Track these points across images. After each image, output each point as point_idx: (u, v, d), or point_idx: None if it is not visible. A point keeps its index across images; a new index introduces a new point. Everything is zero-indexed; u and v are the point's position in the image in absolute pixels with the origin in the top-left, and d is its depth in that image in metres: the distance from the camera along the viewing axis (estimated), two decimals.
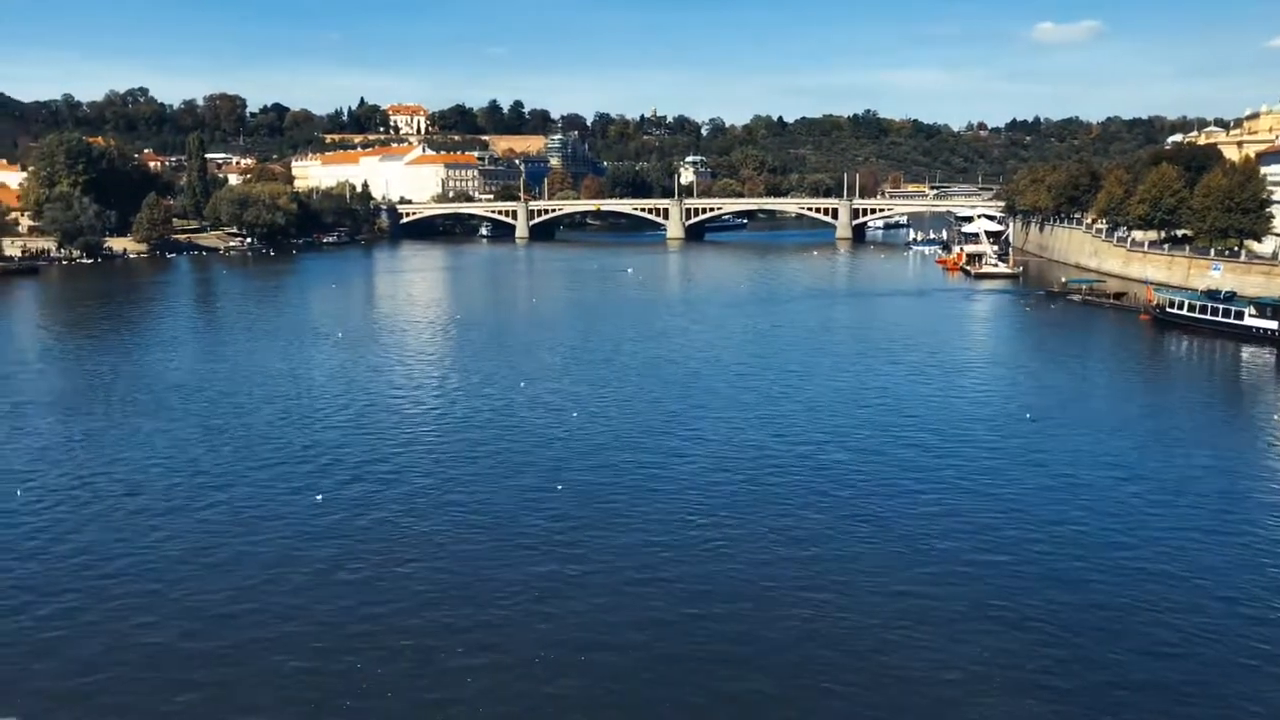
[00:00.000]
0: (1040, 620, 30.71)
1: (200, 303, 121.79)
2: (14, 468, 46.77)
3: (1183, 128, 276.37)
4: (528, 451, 49.58)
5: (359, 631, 30.21)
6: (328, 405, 59.92)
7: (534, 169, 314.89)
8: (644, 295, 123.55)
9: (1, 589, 33.06)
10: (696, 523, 39.10)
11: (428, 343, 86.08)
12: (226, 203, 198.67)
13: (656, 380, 67.06)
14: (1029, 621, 30.65)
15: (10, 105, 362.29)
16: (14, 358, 78.26)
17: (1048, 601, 31.97)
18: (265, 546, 36.95)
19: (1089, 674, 27.58)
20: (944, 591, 32.74)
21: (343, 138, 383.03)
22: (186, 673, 27.81)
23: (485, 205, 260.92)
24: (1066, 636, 29.71)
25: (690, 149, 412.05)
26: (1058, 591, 32.76)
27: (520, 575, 34.18)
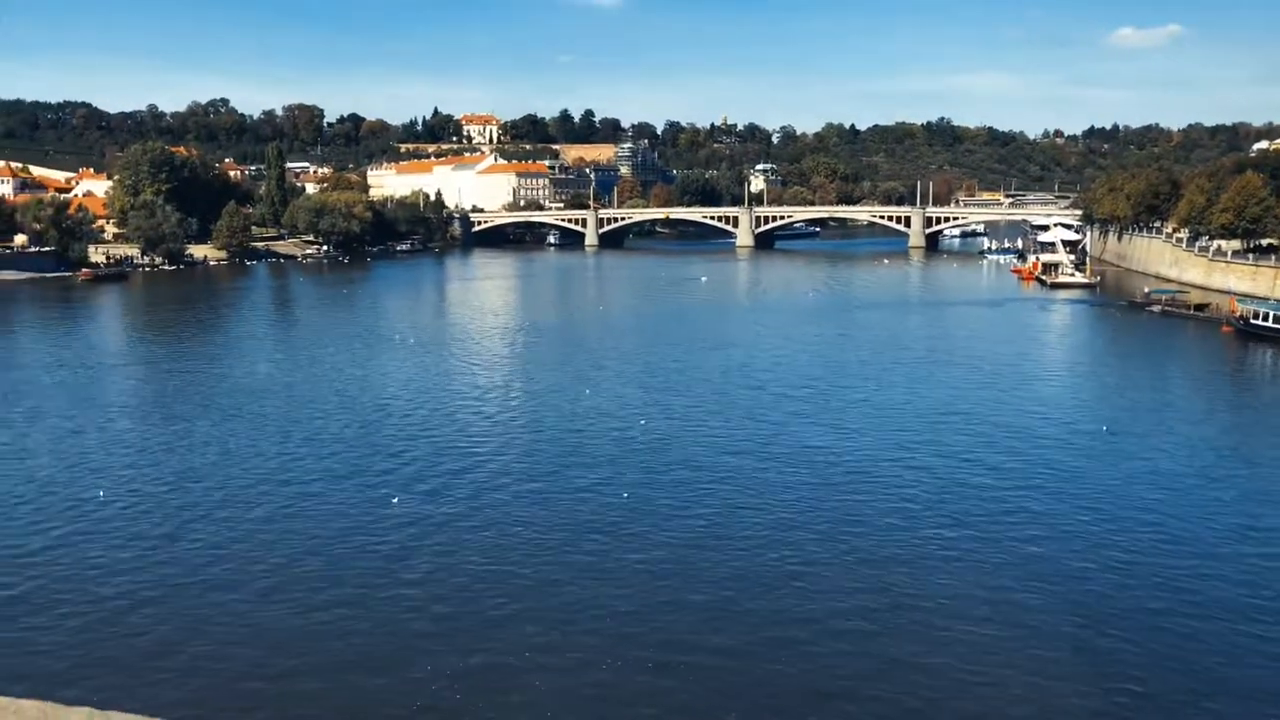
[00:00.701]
0: (1119, 641, 30.06)
1: (278, 309, 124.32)
2: (98, 466, 48.07)
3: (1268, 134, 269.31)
4: (595, 459, 49.73)
5: (428, 632, 30.54)
6: (400, 409, 60.71)
7: (604, 177, 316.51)
8: (713, 303, 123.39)
9: (86, 583, 33.90)
10: (763, 534, 38.86)
11: (498, 349, 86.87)
12: (304, 211, 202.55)
13: (726, 389, 66.91)
14: (1108, 642, 30.02)
15: (98, 116, 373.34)
16: (101, 360, 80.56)
17: (1123, 619, 31.30)
18: (342, 546, 37.50)
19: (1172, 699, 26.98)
20: (1025, 607, 32.18)
21: (417, 147, 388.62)
22: (262, 668, 28.34)
23: (555, 214, 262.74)
24: (1142, 658, 29.05)
25: (761, 157, 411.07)
26: (1132, 614, 32.04)
27: (585, 583, 34.26)
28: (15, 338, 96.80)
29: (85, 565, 35.80)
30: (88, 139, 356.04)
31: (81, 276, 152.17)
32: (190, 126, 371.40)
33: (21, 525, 39.94)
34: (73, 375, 73.08)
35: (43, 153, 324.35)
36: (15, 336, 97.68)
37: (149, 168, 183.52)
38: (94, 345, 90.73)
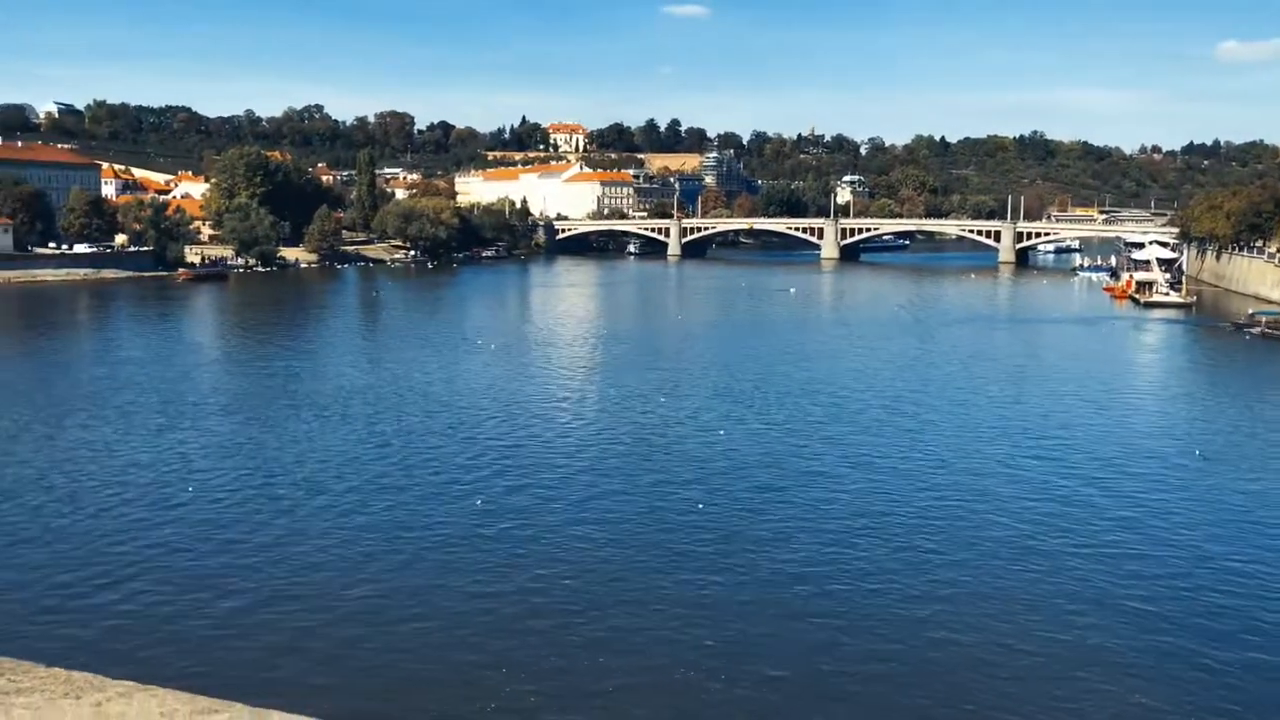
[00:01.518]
0: (1212, 669, 29.06)
1: (366, 312, 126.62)
2: (187, 465, 49.26)
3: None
4: (672, 467, 49.64)
5: (508, 630, 30.69)
6: (480, 413, 61.31)
7: (688, 187, 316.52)
8: (795, 315, 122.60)
9: (175, 582, 34.69)
10: (840, 550, 38.38)
11: (578, 356, 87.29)
12: (393, 216, 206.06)
13: (807, 403, 66.29)
14: (1201, 670, 29.04)
15: (198, 120, 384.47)
16: (197, 358, 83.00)
17: (1216, 649, 30.24)
18: (430, 546, 37.94)
19: None
20: (1111, 634, 31.29)
21: (504, 155, 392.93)
22: (349, 667, 28.75)
23: (639, 223, 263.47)
24: (1238, 691, 28.05)
25: (848, 168, 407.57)
26: (1226, 642, 30.94)
27: (660, 590, 34.18)
28: (120, 333, 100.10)
29: (175, 558, 36.72)
30: (187, 143, 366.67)
31: (181, 276, 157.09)
32: (285, 131, 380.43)
33: (115, 520, 41.06)
34: (169, 371, 75.17)
35: (145, 155, 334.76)
36: (120, 332, 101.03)
37: (245, 171, 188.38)
38: (191, 343, 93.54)
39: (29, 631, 30.40)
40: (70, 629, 30.75)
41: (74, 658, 28.46)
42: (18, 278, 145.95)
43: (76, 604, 32.59)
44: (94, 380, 71.66)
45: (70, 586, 33.81)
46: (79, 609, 32.22)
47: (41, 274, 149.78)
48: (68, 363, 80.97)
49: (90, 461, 49.42)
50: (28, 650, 28.83)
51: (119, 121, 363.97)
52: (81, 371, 76.33)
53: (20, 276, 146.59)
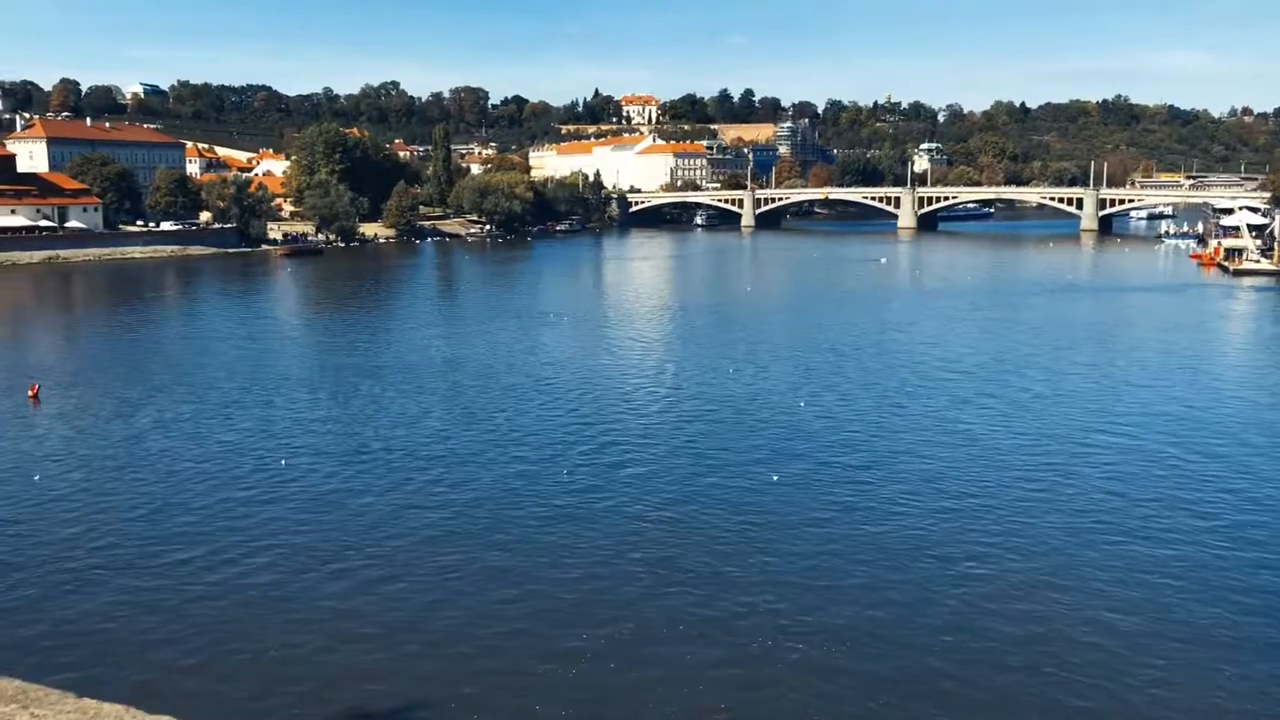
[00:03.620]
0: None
1: (445, 286, 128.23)
2: (280, 436, 50.45)
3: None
4: (747, 437, 49.64)
5: (588, 600, 31.11)
6: (557, 386, 61.76)
7: (762, 157, 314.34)
8: (872, 285, 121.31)
9: (269, 551, 35.60)
10: (917, 524, 38.09)
11: (652, 328, 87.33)
12: (468, 191, 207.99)
13: (886, 374, 65.65)
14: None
15: (278, 99, 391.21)
16: (291, 331, 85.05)
17: None
18: (520, 518, 38.47)
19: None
20: (1213, 613, 30.77)
21: (577, 128, 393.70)
22: (443, 632, 29.44)
23: (712, 194, 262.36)
24: None
25: (925, 136, 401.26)
26: None
27: (737, 560, 34.30)
28: (222, 307, 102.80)
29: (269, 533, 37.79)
30: (268, 121, 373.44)
31: (279, 252, 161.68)
32: (363, 108, 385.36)
33: (207, 490, 42.30)
34: (266, 344, 77.08)
35: (227, 134, 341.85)
36: (221, 306, 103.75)
37: (324, 148, 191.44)
38: (288, 316, 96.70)
39: (144, 599, 31.63)
40: (177, 601, 31.85)
41: (178, 636, 29.56)
42: (108, 255, 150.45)
43: (193, 579, 33.70)
44: (202, 353, 73.69)
45: (186, 564, 34.99)
46: (194, 583, 33.28)
47: (130, 251, 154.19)
48: (175, 336, 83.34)
49: (202, 435, 50.93)
50: (154, 610, 30.01)
51: (202, 101, 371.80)
52: (191, 345, 78.51)
53: (110, 254, 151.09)
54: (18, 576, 32.97)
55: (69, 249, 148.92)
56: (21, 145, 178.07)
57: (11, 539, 36.25)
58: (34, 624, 29.73)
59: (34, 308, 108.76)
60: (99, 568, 33.72)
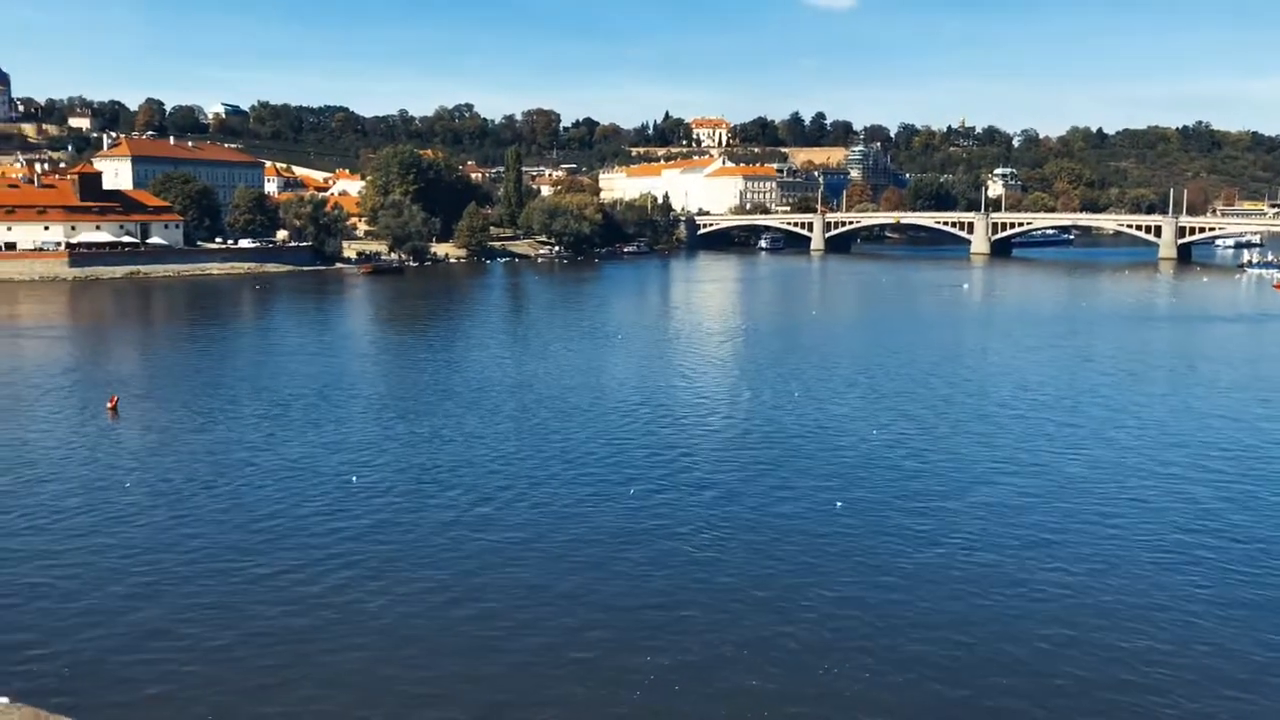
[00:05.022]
0: None
1: (513, 305, 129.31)
2: (352, 452, 51.01)
3: None
4: (812, 463, 49.14)
5: (652, 622, 30.95)
6: (623, 406, 61.73)
7: (833, 181, 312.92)
8: (943, 312, 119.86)
9: (341, 568, 35.91)
10: (988, 555, 37.30)
11: (718, 351, 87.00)
12: (538, 212, 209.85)
13: (956, 401, 64.57)
14: None
15: (355, 120, 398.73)
16: (367, 348, 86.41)
17: None
18: (586, 534, 38.56)
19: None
20: None
21: (647, 150, 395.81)
22: (509, 652, 29.53)
23: (782, 217, 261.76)
24: None
25: (1000, 161, 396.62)
26: None
27: (800, 587, 33.95)
28: (298, 323, 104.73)
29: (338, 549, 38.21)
30: (345, 141, 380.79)
31: (362, 270, 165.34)
32: (437, 130, 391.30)
33: (281, 505, 42.92)
34: (340, 360, 78.28)
35: (305, 154, 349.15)
36: (298, 322, 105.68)
37: (398, 169, 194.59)
38: (364, 334, 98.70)
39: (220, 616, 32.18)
40: (247, 621, 32.34)
41: (264, 647, 29.90)
42: (187, 271, 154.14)
43: (265, 594, 34.16)
44: (277, 368, 75.07)
45: (259, 578, 35.46)
46: (265, 598, 33.73)
47: (208, 267, 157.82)
48: (251, 352, 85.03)
49: (275, 450, 51.80)
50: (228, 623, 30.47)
51: (281, 121, 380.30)
52: (266, 360, 80.00)
53: (189, 270, 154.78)
54: (98, 583, 33.67)
55: (150, 265, 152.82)
56: (108, 163, 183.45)
57: (94, 548, 36.99)
58: (114, 632, 30.37)
59: (115, 321, 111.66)
60: (163, 580, 34.25)
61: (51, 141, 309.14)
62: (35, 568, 34.91)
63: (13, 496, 42.61)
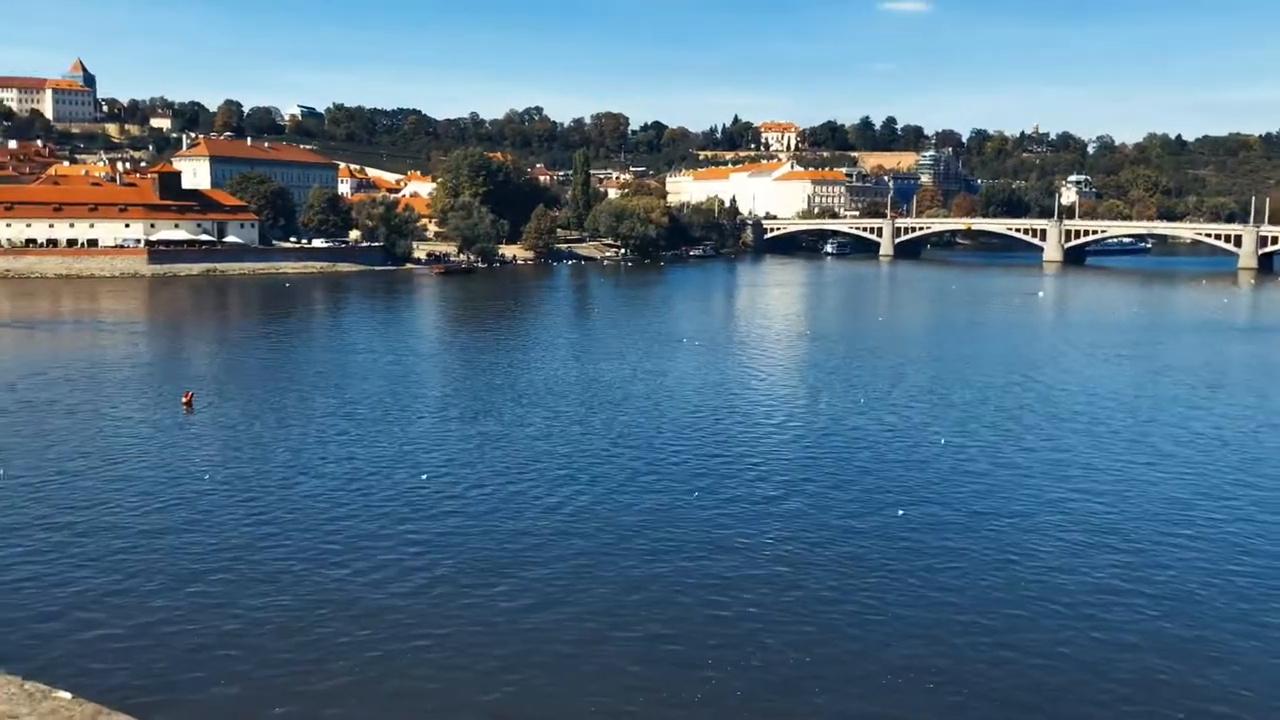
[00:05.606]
0: None
1: (580, 307, 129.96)
2: (423, 451, 51.64)
3: None
4: (874, 473, 48.74)
5: (712, 629, 30.91)
6: (687, 410, 61.77)
7: (903, 186, 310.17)
8: (1014, 319, 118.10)
9: (408, 570, 36.38)
10: (1062, 574, 36.59)
11: (784, 356, 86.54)
12: (605, 215, 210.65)
13: (1026, 412, 63.41)
14: None
15: (427, 123, 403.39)
16: (424, 348, 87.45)
17: None
18: (646, 539, 38.69)
19: None
20: None
21: (715, 154, 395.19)
22: (563, 657, 29.72)
23: (850, 222, 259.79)
24: None
25: (1074, 168, 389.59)
26: None
27: (865, 597, 33.72)
28: (370, 322, 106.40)
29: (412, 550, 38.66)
30: (417, 144, 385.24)
31: (435, 271, 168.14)
32: (507, 133, 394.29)
33: (352, 502, 43.54)
34: (407, 360, 79.36)
35: (378, 156, 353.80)
36: (370, 321, 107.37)
37: (468, 171, 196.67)
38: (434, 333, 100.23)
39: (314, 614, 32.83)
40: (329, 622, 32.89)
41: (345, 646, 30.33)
42: (261, 269, 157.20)
43: (337, 589, 34.71)
44: (349, 366, 76.39)
45: (332, 577, 36.06)
46: (338, 594, 34.28)
47: (282, 266, 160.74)
48: (324, 349, 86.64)
49: (347, 446, 52.67)
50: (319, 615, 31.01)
51: (355, 123, 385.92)
52: (338, 358, 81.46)
53: (264, 268, 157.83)
54: (169, 578, 34.36)
55: (226, 263, 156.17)
56: (187, 163, 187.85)
57: (166, 547, 37.73)
58: (184, 630, 30.86)
59: (191, 318, 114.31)
60: (234, 577, 34.79)
61: (133, 141, 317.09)
62: (108, 564, 35.30)
63: (91, 490, 43.63)
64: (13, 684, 4.65)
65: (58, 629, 30.27)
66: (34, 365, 74.64)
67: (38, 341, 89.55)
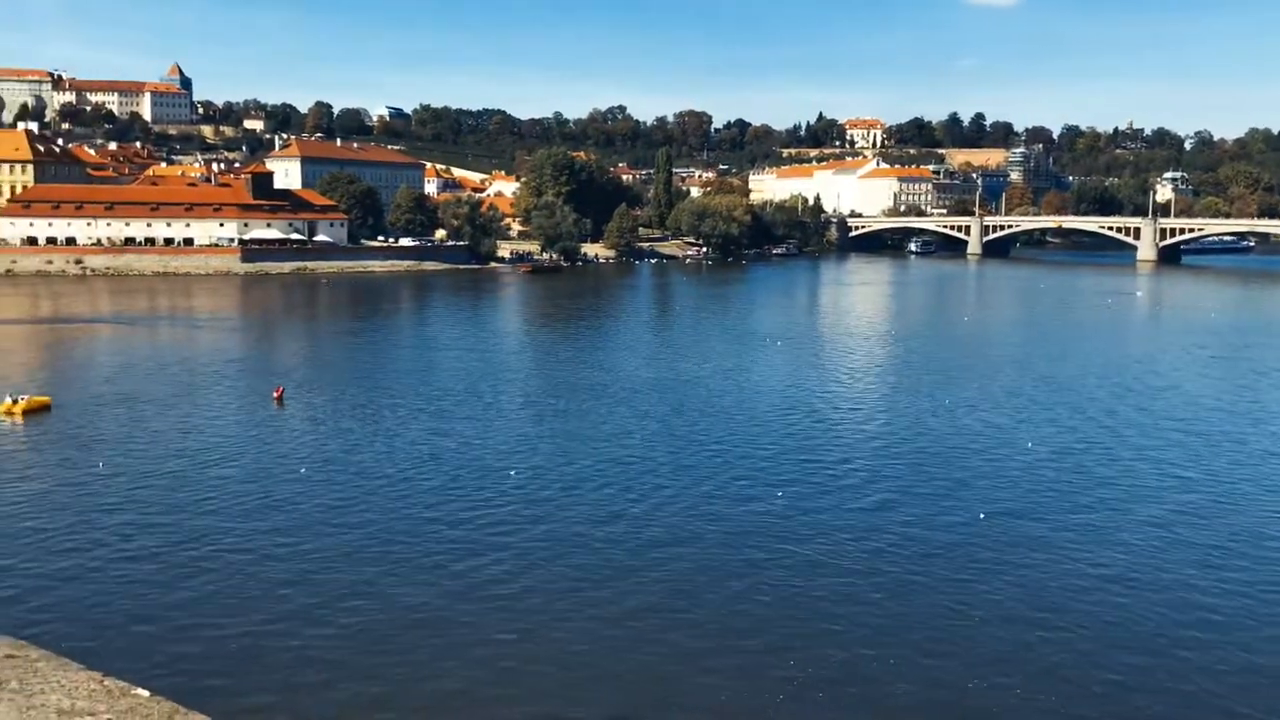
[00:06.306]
0: None
1: (662, 305, 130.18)
2: (508, 446, 52.07)
3: None
4: (956, 475, 47.84)
5: (795, 629, 30.69)
6: (770, 410, 61.38)
7: (991, 183, 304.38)
8: (1106, 320, 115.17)
9: (493, 561, 36.69)
10: (1146, 595, 35.61)
11: (868, 357, 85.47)
12: (687, 214, 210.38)
13: (1118, 415, 61.70)
14: None
15: (511, 123, 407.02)
16: (509, 346, 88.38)
17: None
18: (729, 537, 38.56)
19: None
20: None
21: (799, 152, 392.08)
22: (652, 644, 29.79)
23: (937, 220, 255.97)
24: None
25: (1169, 164, 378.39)
26: None
27: (937, 597, 33.19)
28: (456, 319, 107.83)
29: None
30: (501, 144, 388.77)
31: (521, 269, 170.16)
32: (590, 132, 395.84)
33: (442, 495, 44.04)
34: (492, 357, 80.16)
35: (463, 156, 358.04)
36: (456, 318, 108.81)
37: (552, 171, 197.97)
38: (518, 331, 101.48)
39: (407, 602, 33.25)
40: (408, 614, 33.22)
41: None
42: (350, 268, 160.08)
43: (430, 580, 35.09)
44: (435, 363, 77.60)
45: (428, 567, 36.49)
46: (431, 584, 34.64)
47: (370, 264, 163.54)
48: (411, 346, 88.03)
49: (434, 441, 53.32)
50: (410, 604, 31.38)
51: (441, 124, 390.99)
52: (425, 355, 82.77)
53: (352, 267, 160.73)
54: (254, 573, 35.01)
55: (316, 261, 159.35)
56: (279, 164, 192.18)
57: (262, 541, 38.54)
58: (266, 628, 31.25)
59: (281, 315, 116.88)
60: (320, 573, 35.30)
61: (228, 142, 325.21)
62: (197, 561, 35.33)
63: (186, 485, 44.53)
64: (93, 680, 4.67)
65: (142, 625, 30.31)
66: (132, 360, 76.98)
67: (136, 337, 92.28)
